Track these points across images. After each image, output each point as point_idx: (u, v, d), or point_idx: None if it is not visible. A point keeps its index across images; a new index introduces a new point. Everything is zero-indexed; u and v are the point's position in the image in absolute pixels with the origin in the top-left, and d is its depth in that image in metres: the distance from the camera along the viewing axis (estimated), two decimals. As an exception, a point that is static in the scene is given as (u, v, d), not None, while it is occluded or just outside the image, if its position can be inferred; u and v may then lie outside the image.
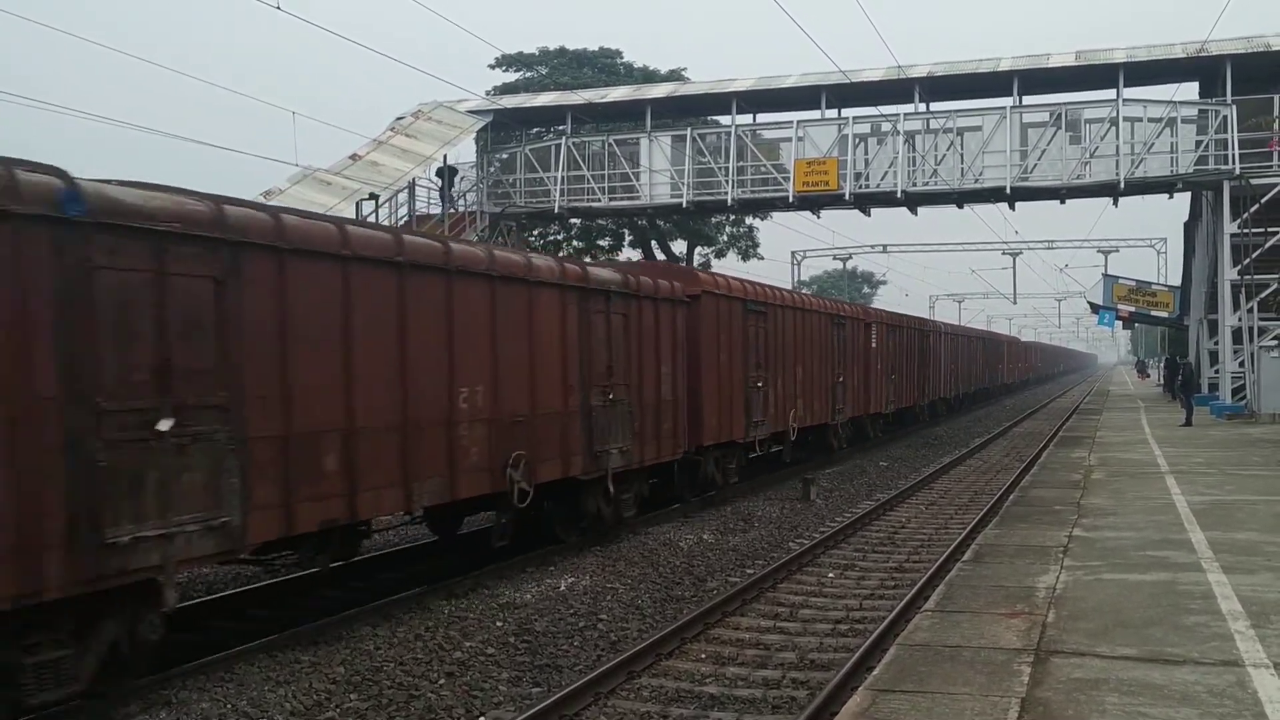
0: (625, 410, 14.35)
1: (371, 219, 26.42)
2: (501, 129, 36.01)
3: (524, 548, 12.72)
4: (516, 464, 11.75)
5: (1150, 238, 53.53)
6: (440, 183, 33.80)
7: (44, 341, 6.80)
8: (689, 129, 34.59)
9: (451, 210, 33.11)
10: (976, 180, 31.18)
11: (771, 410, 20.21)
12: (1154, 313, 43.17)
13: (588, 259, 35.27)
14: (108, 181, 7.67)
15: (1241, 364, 30.09)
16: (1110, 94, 30.46)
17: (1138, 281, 43.34)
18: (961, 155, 31.44)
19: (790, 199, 32.66)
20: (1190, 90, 32.56)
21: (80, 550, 6.90)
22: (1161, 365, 54.30)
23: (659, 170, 33.86)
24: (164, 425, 7.49)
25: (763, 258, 48.07)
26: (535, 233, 41.21)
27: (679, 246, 46.27)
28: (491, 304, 11.48)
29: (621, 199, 34.63)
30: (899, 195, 31.62)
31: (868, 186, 32.27)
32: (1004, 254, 57.19)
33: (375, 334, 9.76)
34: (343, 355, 9.38)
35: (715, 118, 38.24)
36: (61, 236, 6.88)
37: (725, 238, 46.95)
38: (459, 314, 10.91)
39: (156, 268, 7.55)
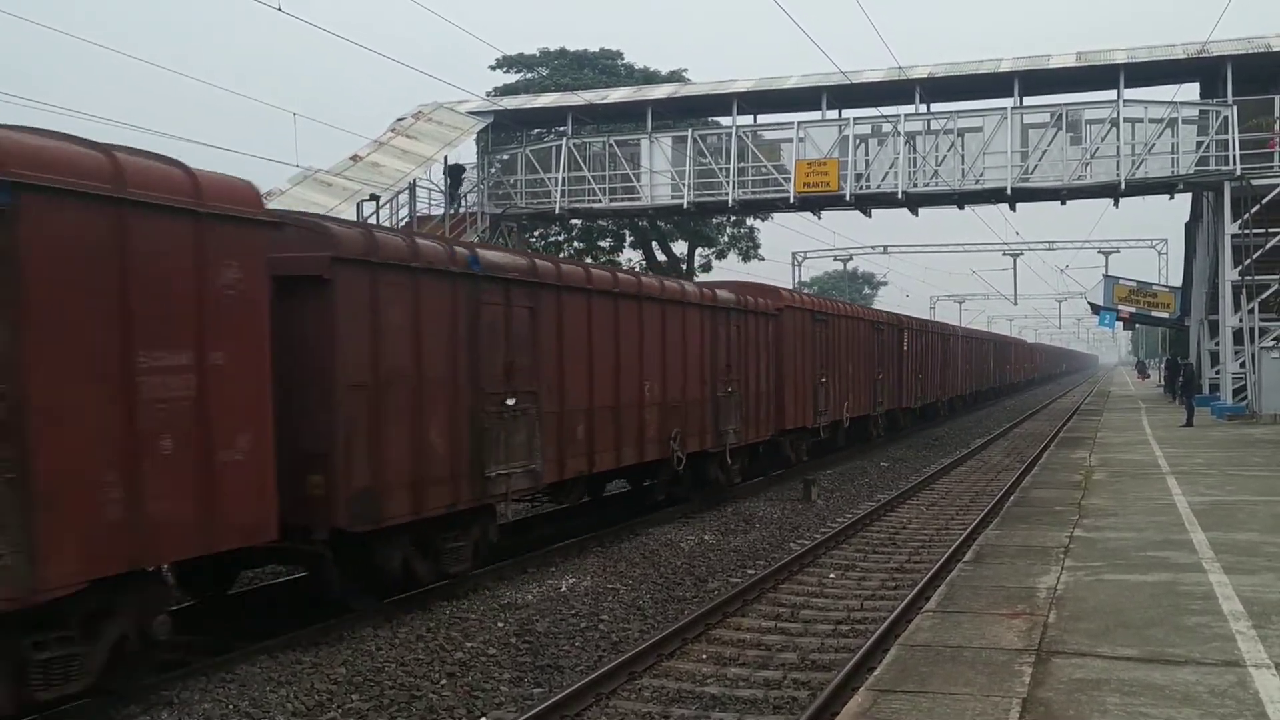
0: (738, 400, 18.29)
1: (372, 220, 26.43)
2: (502, 130, 36.02)
3: (632, 513, 15.78)
4: (676, 438, 15.83)
5: (1151, 238, 53.55)
6: (444, 182, 33.80)
7: (462, 351, 11.00)
8: (690, 130, 34.62)
9: (452, 212, 33.10)
10: (977, 181, 31.19)
11: (831, 402, 24.19)
12: (1155, 314, 43.13)
13: (589, 260, 35.32)
14: (482, 246, 13.59)
15: (1242, 365, 30.08)
16: (1111, 95, 30.47)
17: (1138, 282, 43.31)
18: (962, 156, 31.45)
19: (791, 200, 32.67)
20: (1191, 91, 32.59)
21: (475, 480, 11.12)
22: (1162, 366, 54.31)
23: (660, 171, 33.88)
24: (510, 402, 11.77)
25: (763, 259, 48.09)
26: (536, 234, 41.23)
27: (680, 247, 46.27)
28: (662, 320, 15.68)
29: (622, 200, 34.64)
30: (900, 196, 31.63)
31: (868, 187, 32.29)
32: (1005, 255, 57.22)
33: (602, 342, 13.96)
34: (587, 358, 13.58)
35: (716, 119, 38.26)
36: (470, 285, 11.12)
37: (726, 239, 46.94)
38: (645, 328, 15.13)
39: (505, 303, 11.75)
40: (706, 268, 46.44)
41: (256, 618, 10.16)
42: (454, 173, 33.78)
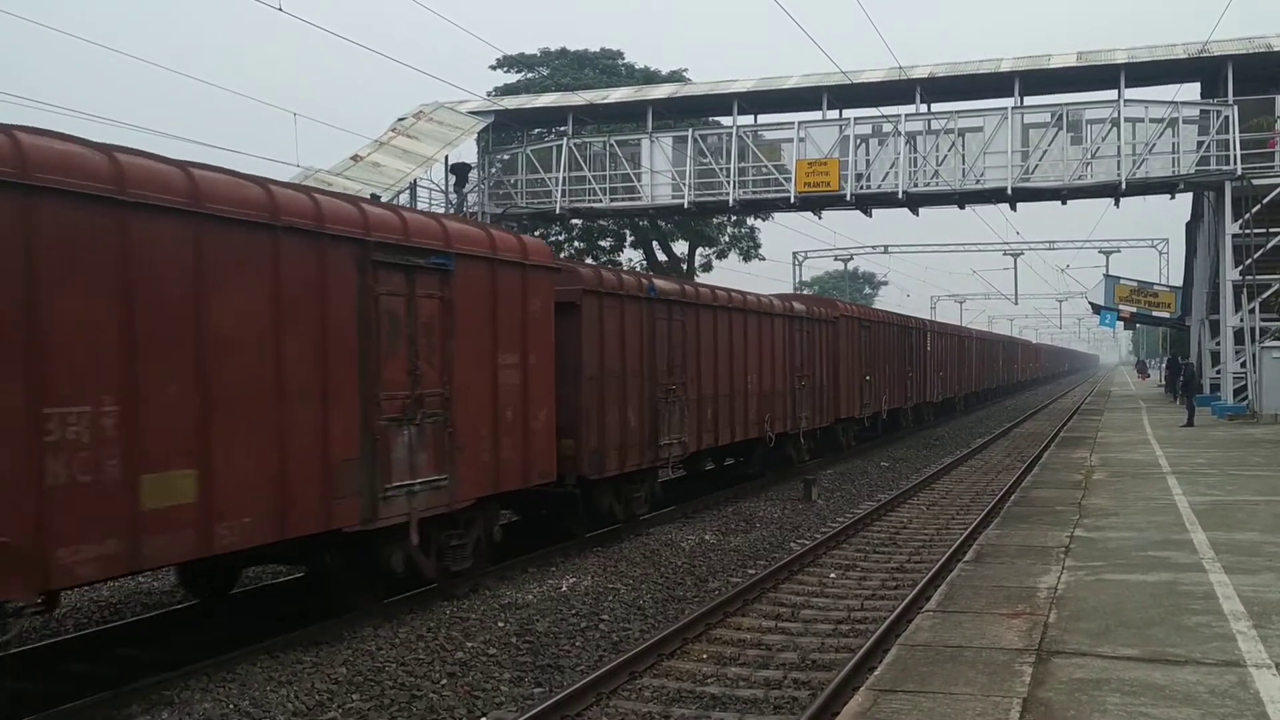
0: (808, 392, 22.41)
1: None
2: (503, 130, 36.04)
3: (691, 495, 17.59)
4: (768, 421, 19.90)
5: (1152, 238, 53.57)
6: (447, 181, 33.82)
7: (645, 353, 15.02)
8: (690, 130, 34.64)
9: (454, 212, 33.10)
10: (978, 181, 31.20)
11: (873, 396, 28.00)
12: (1155, 313, 43.14)
13: (588, 260, 35.32)
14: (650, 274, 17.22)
15: (1243, 364, 30.08)
16: (1111, 94, 30.48)
17: (1139, 282, 43.32)
18: (963, 156, 31.45)
19: (791, 200, 32.68)
20: (1192, 91, 32.60)
21: (651, 447, 15.16)
22: (1163, 366, 54.33)
23: (660, 171, 33.88)
24: (672, 389, 15.72)
25: (764, 258, 48.10)
26: (537, 233, 41.26)
27: (680, 247, 46.28)
28: (759, 328, 19.76)
29: (623, 200, 34.65)
30: (900, 196, 31.64)
31: (869, 187, 32.29)
32: (1005, 254, 57.26)
33: (722, 346, 17.94)
34: (713, 358, 17.53)
35: (716, 118, 38.26)
36: (649, 306, 15.20)
37: (726, 238, 46.95)
38: (749, 334, 19.18)
39: (668, 317, 15.80)
40: (707, 268, 46.46)
41: (259, 618, 10.17)
42: (459, 171, 33.77)
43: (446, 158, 33.01)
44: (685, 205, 33.80)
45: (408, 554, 10.14)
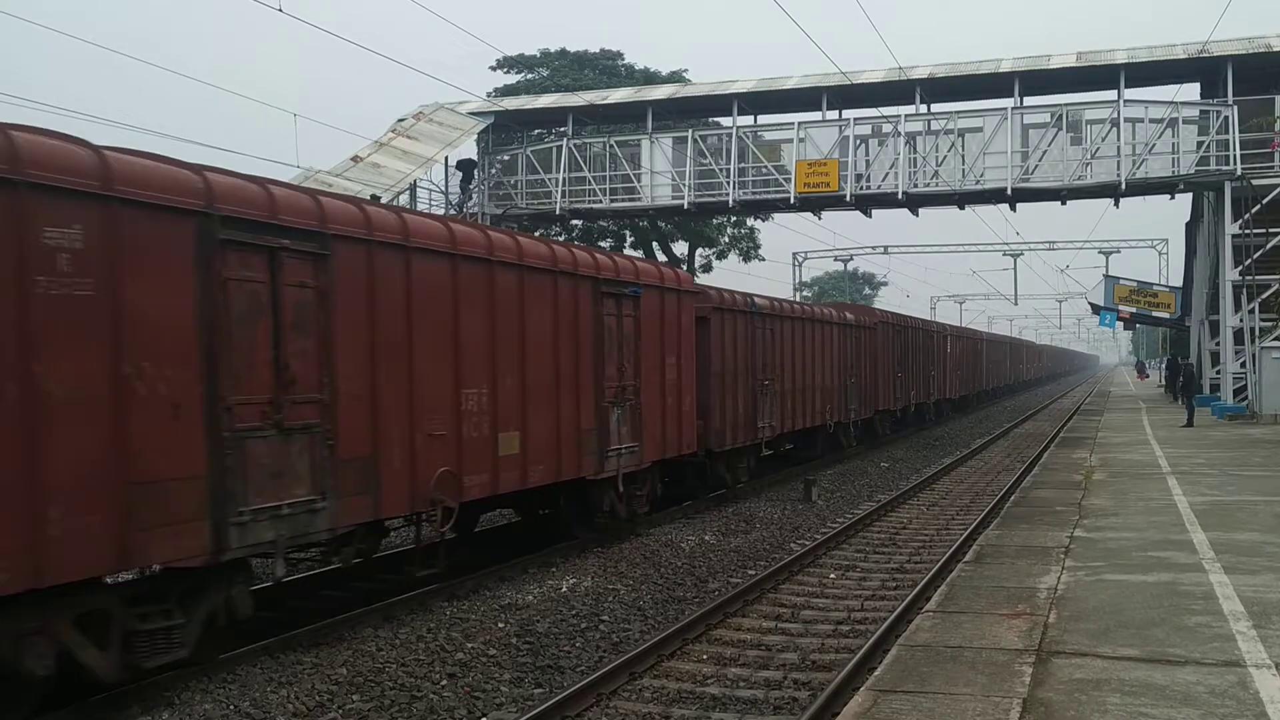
0: (857, 387, 26.48)
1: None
2: (503, 131, 36.05)
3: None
4: (827, 411, 24.15)
5: (1151, 239, 53.59)
6: (448, 180, 33.83)
7: (747, 354, 18.91)
8: (690, 130, 34.66)
9: (455, 212, 33.10)
10: (977, 181, 31.22)
11: (904, 392, 31.99)
12: (1155, 314, 43.14)
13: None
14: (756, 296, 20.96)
15: (1243, 365, 30.08)
16: (1111, 95, 30.50)
17: (1139, 282, 43.32)
18: (962, 156, 31.46)
19: (791, 200, 32.69)
20: (1191, 91, 32.60)
21: (751, 428, 19.11)
22: (1162, 366, 54.35)
23: (660, 172, 33.89)
24: (766, 384, 19.85)
25: (764, 259, 48.15)
26: (537, 234, 41.25)
27: (680, 248, 46.29)
28: (822, 334, 23.72)
29: (623, 200, 34.66)
30: (900, 196, 31.66)
31: (869, 187, 32.31)
32: (1005, 255, 57.30)
33: (798, 348, 22.00)
34: (791, 356, 21.56)
35: (716, 119, 38.28)
36: (750, 319, 19.24)
37: (726, 239, 46.98)
38: (814, 338, 23.24)
39: (763, 326, 19.80)
40: (707, 268, 46.50)
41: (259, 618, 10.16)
42: (465, 168, 33.73)
43: (446, 158, 33.01)
44: (685, 206, 33.82)
45: (613, 499, 14.03)
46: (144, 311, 7.36)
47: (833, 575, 12.61)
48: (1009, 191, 30.87)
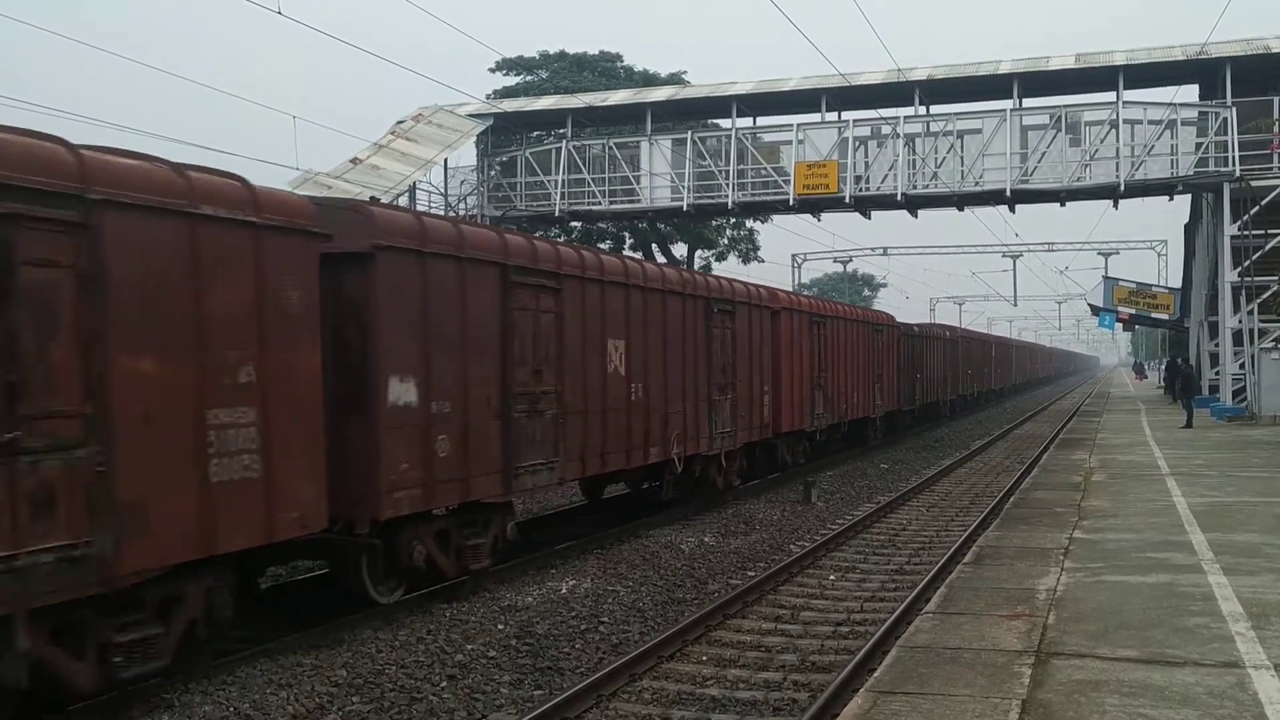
0: (911, 383, 32.46)
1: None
2: (502, 132, 36.07)
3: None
4: (868, 404, 27.61)
5: (1150, 240, 53.63)
6: (447, 185, 33.87)
7: (811, 352, 22.58)
8: (689, 132, 34.68)
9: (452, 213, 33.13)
10: (976, 183, 31.25)
11: (921, 390, 35.16)
12: (1154, 315, 43.21)
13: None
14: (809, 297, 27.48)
15: (1242, 366, 30.10)
16: (1110, 96, 30.53)
17: (1138, 284, 43.39)
18: (961, 158, 31.49)
19: (790, 202, 32.72)
20: (1190, 92, 32.64)
21: (810, 417, 22.50)
22: (1161, 367, 54.37)
23: (659, 173, 33.92)
24: (820, 378, 23.35)
25: (763, 261, 48.20)
26: (536, 235, 41.27)
27: (679, 249, 46.32)
28: (860, 334, 26.71)
29: (622, 202, 34.69)
30: (899, 198, 31.68)
31: (868, 189, 32.33)
32: (1004, 256, 57.30)
33: (842, 348, 24.83)
34: (844, 358, 24.92)
35: (715, 121, 38.31)
36: (811, 320, 22.69)
37: (726, 241, 47.01)
38: (855, 339, 26.28)
39: (820, 326, 23.29)
40: (706, 270, 46.53)
41: (259, 620, 10.17)
42: (456, 170, 33.70)
43: (446, 160, 33.00)
44: (684, 207, 33.84)
45: (714, 472, 17.44)
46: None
47: (832, 577, 12.62)
48: (1008, 193, 30.90)
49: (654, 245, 44.68)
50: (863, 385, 27.01)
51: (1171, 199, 32.94)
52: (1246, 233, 28.25)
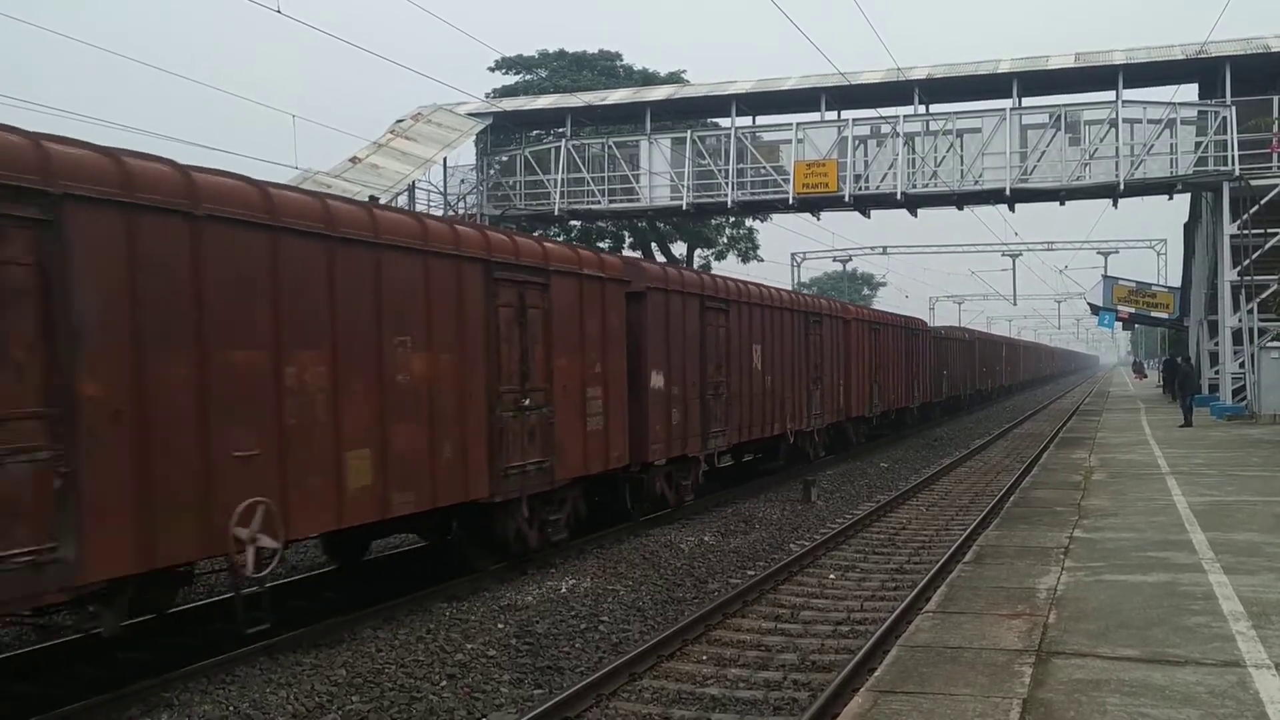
0: (939, 379, 36.27)
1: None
2: (501, 131, 36.04)
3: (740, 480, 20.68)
4: (900, 398, 31.38)
5: (1150, 239, 53.61)
6: (446, 184, 33.85)
7: (870, 353, 27.81)
8: (689, 131, 34.65)
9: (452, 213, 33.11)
10: (976, 182, 31.23)
11: (947, 384, 40.70)
12: (1154, 314, 43.18)
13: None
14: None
15: (1241, 365, 30.10)
16: (1109, 95, 30.52)
17: (1138, 283, 43.36)
18: (961, 157, 31.47)
19: (790, 201, 32.70)
20: (1190, 92, 32.64)
21: (867, 406, 27.71)
22: (1160, 367, 54.39)
23: (659, 172, 33.90)
24: (878, 375, 28.93)
25: (762, 260, 48.17)
26: (535, 235, 41.26)
27: (679, 248, 46.30)
28: (914, 342, 32.46)
29: (621, 201, 34.67)
30: (898, 197, 31.66)
31: (867, 188, 32.31)
32: (1004, 255, 57.32)
33: (890, 349, 29.61)
34: (891, 358, 30.17)
35: (715, 120, 38.29)
36: (870, 327, 28.24)
37: (725, 240, 46.99)
38: (894, 341, 30.30)
39: (875, 331, 28.60)
40: (705, 269, 46.51)
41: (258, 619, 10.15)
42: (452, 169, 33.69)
43: (445, 159, 32.98)
44: (684, 206, 33.82)
45: (813, 444, 22.91)
46: (919, 349, 34.18)
47: (832, 576, 12.61)
48: (1007, 192, 30.89)
49: (653, 244, 44.65)
50: (904, 380, 31.67)
51: (1171, 198, 32.94)
52: (1246, 232, 28.24)
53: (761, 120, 34.72)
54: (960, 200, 32.51)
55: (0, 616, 7.55)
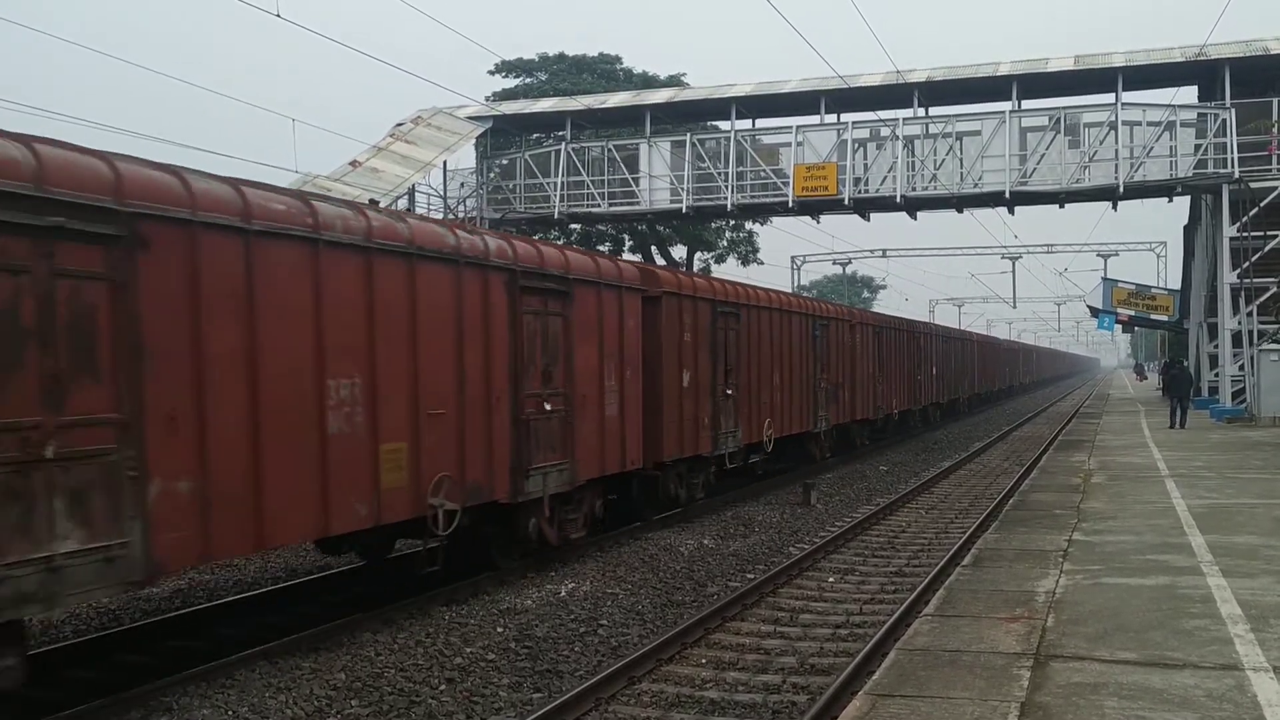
0: (934, 382, 36.56)
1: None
2: (501, 135, 36.08)
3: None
4: (928, 396, 36.43)
5: (1150, 241, 53.62)
6: (446, 187, 33.89)
7: (907, 354, 32.77)
8: (688, 134, 34.67)
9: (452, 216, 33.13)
10: (976, 184, 31.25)
11: (966, 386, 45.48)
12: (1154, 316, 43.16)
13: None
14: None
15: (1241, 367, 30.10)
16: (1109, 98, 30.54)
17: (1137, 285, 43.35)
18: (960, 160, 31.49)
19: (790, 204, 32.72)
20: (1189, 94, 32.66)
21: (912, 400, 34.08)
22: (1160, 369, 54.39)
23: (658, 175, 33.92)
24: (919, 375, 34.99)
25: (762, 263, 48.17)
26: (535, 238, 41.26)
27: (679, 251, 46.32)
28: (922, 340, 35.09)
29: (621, 204, 34.70)
30: (898, 200, 31.68)
31: (867, 191, 32.33)
32: (1003, 258, 57.29)
33: (928, 350, 35.97)
34: (927, 357, 36.09)
35: (715, 123, 38.31)
36: (908, 335, 33.37)
37: (725, 243, 47.01)
38: (923, 343, 35.24)
39: (912, 337, 34.09)
40: (705, 272, 46.53)
41: (258, 623, 10.16)
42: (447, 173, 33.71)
43: (445, 163, 33.00)
44: (683, 210, 33.84)
45: (817, 447, 24.13)
46: (936, 350, 38.75)
47: (831, 579, 12.62)
48: (1007, 194, 30.91)
49: (653, 247, 44.67)
50: (907, 383, 33.15)
51: (1170, 200, 32.94)
52: (1245, 234, 28.25)
53: (761, 123, 34.78)
54: (960, 203, 32.53)
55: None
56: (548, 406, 12.24)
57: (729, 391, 17.93)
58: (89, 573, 6.93)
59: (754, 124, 34.62)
